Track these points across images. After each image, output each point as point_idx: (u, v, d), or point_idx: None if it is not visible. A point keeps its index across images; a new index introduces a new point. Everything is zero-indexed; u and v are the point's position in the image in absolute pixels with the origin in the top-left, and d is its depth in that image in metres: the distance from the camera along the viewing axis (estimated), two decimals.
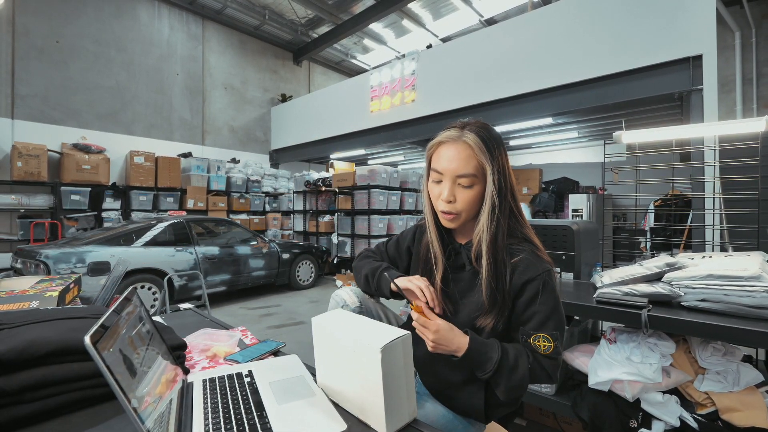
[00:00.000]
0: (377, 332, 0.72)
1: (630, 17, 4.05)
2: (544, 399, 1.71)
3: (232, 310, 4.66)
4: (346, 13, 7.98)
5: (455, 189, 0.86)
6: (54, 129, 5.90)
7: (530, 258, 0.85)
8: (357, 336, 0.72)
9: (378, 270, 1.00)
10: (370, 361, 0.67)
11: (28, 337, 0.72)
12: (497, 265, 0.86)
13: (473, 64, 5.36)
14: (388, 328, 0.74)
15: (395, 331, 0.72)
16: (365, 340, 0.69)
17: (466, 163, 0.84)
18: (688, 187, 4.35)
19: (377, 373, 0.66)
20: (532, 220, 2.34)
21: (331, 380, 0.80)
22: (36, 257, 3.49)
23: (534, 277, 0.84)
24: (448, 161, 0.85)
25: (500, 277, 0.85)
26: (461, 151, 0.84)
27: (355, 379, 0.72)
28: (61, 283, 1.42)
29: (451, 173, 0.84)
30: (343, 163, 7.53)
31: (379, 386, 0.66)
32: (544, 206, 8.21)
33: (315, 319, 0.83)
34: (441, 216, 0.90)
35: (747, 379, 1.36)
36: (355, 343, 0.72)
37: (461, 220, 0.89)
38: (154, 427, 0.56)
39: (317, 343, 0.83)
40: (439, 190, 0.87)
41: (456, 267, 0.95)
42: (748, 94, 5.81)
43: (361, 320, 0.80)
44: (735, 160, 2.18)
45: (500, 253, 0.85)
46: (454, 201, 0.86)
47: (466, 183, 0.85)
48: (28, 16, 5.71)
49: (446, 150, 0.86)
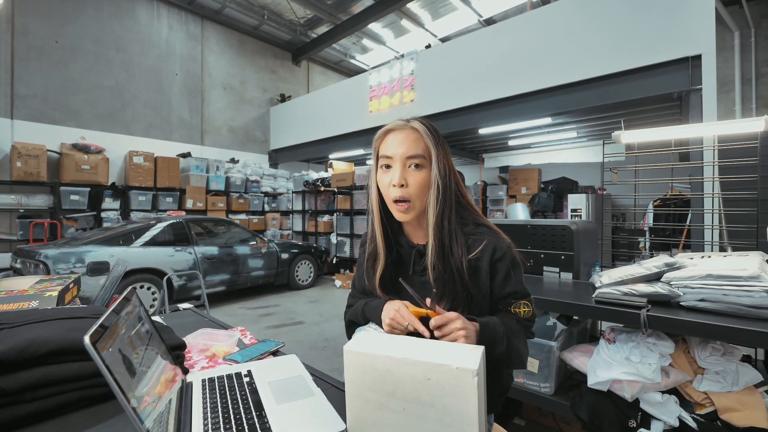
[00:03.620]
0: (448, 351, 0.61)
1: (629, 17, 4.05)
2: (543, 399, 1.71)
3: (231, 310, 4.66)
4: (345, 13, 7.98)
5: (406, 172, 0.86)
6: (53, 129, 5.89)
7: (491, 239, 0.89)
8: (429, 359, 0.59)
9: (358, 313, 0.95)
10: (456, 388, 0.56)
11: (28, 336, 0.72)
12: (443, 249, 0.86)
13: (472, 64, 5.36)
14: (447, 344, 0.65)
15: (468, 347, 0.62)
16: (447, 363, 0.57)
17: (415, 145, 0.86)
18: (687, 187, 4.36)
19: (470, 401, 0.55)
20: (531, 220, 2.35)
21: (376, 424, 0.64)
22: (35, 257, 3.49)
23: (502, 255, 0.88)
24: (397, 144, 0.86)
25: (447, 261, 0.85)
26: (409, 135, 0.87)
27: (424, 414, 0.59)
28: (61, 283, 1.42)
29: (401, 155, 0.85)
30: (342, 163, 7.53)
31: (473, 417, 0.55)
32: (543, 206, 8.22)
33: (349, 346, 0.65)
34: (394, 208, 0.87)
35: (746, 379, 1.36)
36: (428, 370, 0.58)
37: (415, 210, 0.87)
38: (154, 426, 0.56)
39: (354, 378, 0.65)
40: (390, 177, 0.86)
41: (422, 269, 0.91)
42: (747, 94, 5.82)
43: (407, 340, 0.68)
44: (734, 160, 2.18)
45: (446, 238, 0.86)
46: (405, 185, 0.85)
47: (416, 165, 0.86)
48: (28, 16, 5.71)
49: (395, 135, 0.88)
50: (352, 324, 0.97)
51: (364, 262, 0.98)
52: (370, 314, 0.89)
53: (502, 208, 9.06)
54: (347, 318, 1.01)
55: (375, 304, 0.89)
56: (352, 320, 0.98)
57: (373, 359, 0.62)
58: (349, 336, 0.97)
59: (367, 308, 0.92)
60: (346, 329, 1.01)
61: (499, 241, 0.90)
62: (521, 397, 1.76)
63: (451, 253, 0.86)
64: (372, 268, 0.94)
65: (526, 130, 6.57)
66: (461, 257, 0.85)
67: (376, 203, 0.92)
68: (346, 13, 7.98)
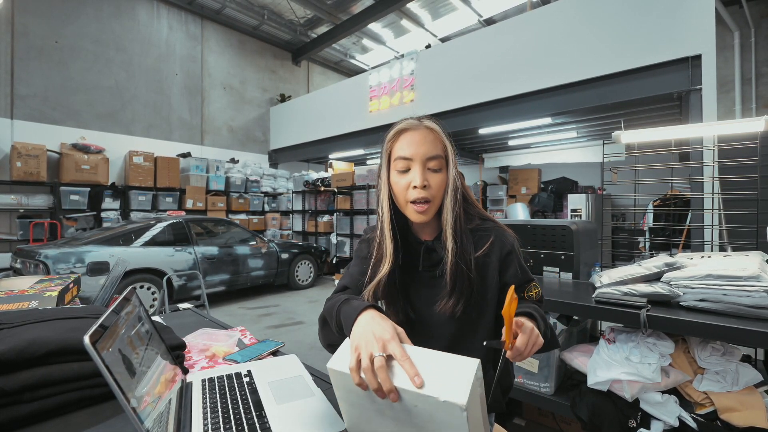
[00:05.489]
0: (437, 371, 0.55)
1: (629, 17, 4.05)
2: (543, 399, 1.71)
3: (231, 310, 4.66)
4: (344, 13, 7.98)
5: (426, 173, 0.83)
6: (53, 129, 5.89)
7: (498, 234, 0.90)
8: (412, 388, 0.53)
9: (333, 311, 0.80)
10: (446, 420, 0.52)
11: (28, 336, 0.72)
12: (462, 246, 0.85)
13: (472, 64, 5.36)
14: (442, 357, 0.57)
15: (459, 364, 0.55)
16: (433, 395, 0.51)
17: (435, 146, 0.84)
18: (687, 187, 4.36)
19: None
20: (531, 220, 2.35)
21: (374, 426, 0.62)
22: (35, 257, 3.48)
23: (510, 249, 0.90)
24: (417, 145, 0.83)
25: (463, 257, 0.85)
26: (427, 135, 0.84)
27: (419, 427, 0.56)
28: (61, 283, 1.42)
29: (421, 156, 0.82)
30: (342, 163, 7.53)
31: None
32: (543, 206, 8.22)
33: (332, 364, 0.61)
34: (412, 209, 0.83)
35: (746, 379, 1.36)
36: (414, 399, 0.54)
37: (433, 210, 0.85)
38: (153, 426, 0.56)
39: (342, 396, 0.63)
40: (408, 179, 0.83)
41: (431, 265, 0.90)
42: (747, 94, 5.82)
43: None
44: (734, 160, 2.18)
45: (458, 236, 0.85)
46: (428, 186, 0.83)
47: (435, 166, 0.84)
48: (28, 16, 5.71)
49: (411, 135, 0.84)
50: (325, 323, 0.86)
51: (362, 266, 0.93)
52: (345, 319, 0.73)
53: (502, 208, 9.07)
54: (321, 313, 0.89)
55: (356, 305, 0.72)
56: (325, 317, 0.86)
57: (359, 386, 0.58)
58: (322, 336, 0.89)
59: (344, 309, 0.76)
60: (319, 328, 0.90)
61: (505, 236, 0.91)
62: (521, 397, 1.77)
63: (464, 251, 0.85)
64: (377, 272, 0.88)
65: (526, 130, 6.57)
66: (470, 254, 0.85)
67: (388, 207, 0.87)
68: (346, 13, 7.98)
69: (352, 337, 0.64)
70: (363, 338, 0.61)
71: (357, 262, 0.98)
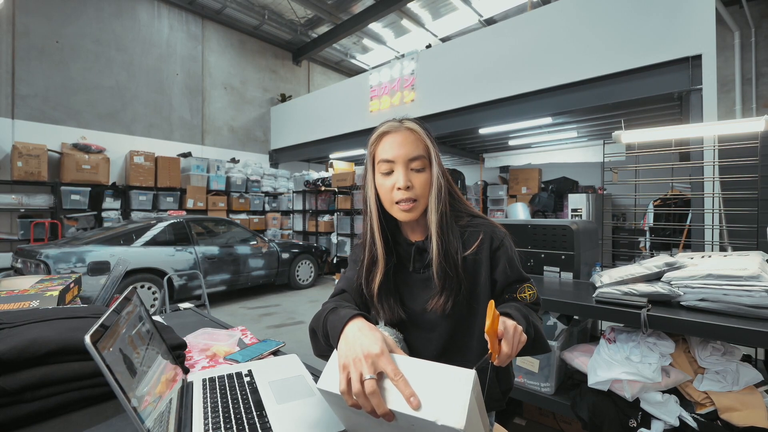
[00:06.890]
0: (433, 387, 0.53)
1: (629, 17, 4.05)
2: (543, 398, 1.71)
3: (231, 310, 4.66)
4: (345, 12, 7.98)
5: (409, 174, 0.84)
6: (54, 129, 5.90)
7: (487, 230, 0.89)
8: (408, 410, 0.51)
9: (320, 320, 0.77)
10: None
11: (29, 336, 0.72)
12: (448, 245, 0.85)
13: (472, 64, 5.36)
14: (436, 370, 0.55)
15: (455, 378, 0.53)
16: (430, 419, 0.49)
17: (416, 146, 0.84)
18: (687, 187, 4.35)
19: None
20: (532, 220, 2.35)
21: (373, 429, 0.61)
22: (36, 257, 3.49)
23: (499, 245, 0.88)
24: (398, 146, 0.84)
25: (449, 255, 0.85)
26: (408, 136, 0.85)
27: None
28: (61, 282, 1.43)
29: (403, 158, 0.84)
30: (343, 163, 7.54)
31: None
32: (544, 206, 8.22)
33: (322, 384, 0.60)
34: (398, 208, 0.85)
35: (746, 379, 1.36)
36: (409, 419, 0.52)
37: (420, 208, 0.86)
38: (154, 426, 0.56)
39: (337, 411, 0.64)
40: (392, 181, 0.84)
41: (423, 266, 0.91)
42: (748, 94, 5.81)
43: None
44: (734, 160, 2.18)
45: (445, 234, 0.86)
46: (412, 186, 0.84)
47: (418, 166, 0.84)
48: (28, 16, 5.71)
49: (393, 137, 0.85)
50: (314, 333, 0.81)
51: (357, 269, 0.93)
52: (332, 330, 0.69)
53: (502, 208, 9.07)
54: (310, 324, 0.85)
55: (342, 314, 0.69)
56: (314, 328, 0.82)
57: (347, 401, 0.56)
58: (313, 347, 0.85)
59: (330, 319, 0.72)
60: (310, 338, 0.86)
61: (496, 232, 0.90)
62: (521, 397, 1.77)
63: (450, 249, 0.85)
64: (370, 275, 0.90)
65: (526, 130, 6.57)
66: (457, 252, 0.85)
67: (375, 207, 0.89)
68: (347, 13, 7.98)
69: (339, 354, 0.61)
70: (351, 356, 0.59)
71: (352, 266, 0.99)
